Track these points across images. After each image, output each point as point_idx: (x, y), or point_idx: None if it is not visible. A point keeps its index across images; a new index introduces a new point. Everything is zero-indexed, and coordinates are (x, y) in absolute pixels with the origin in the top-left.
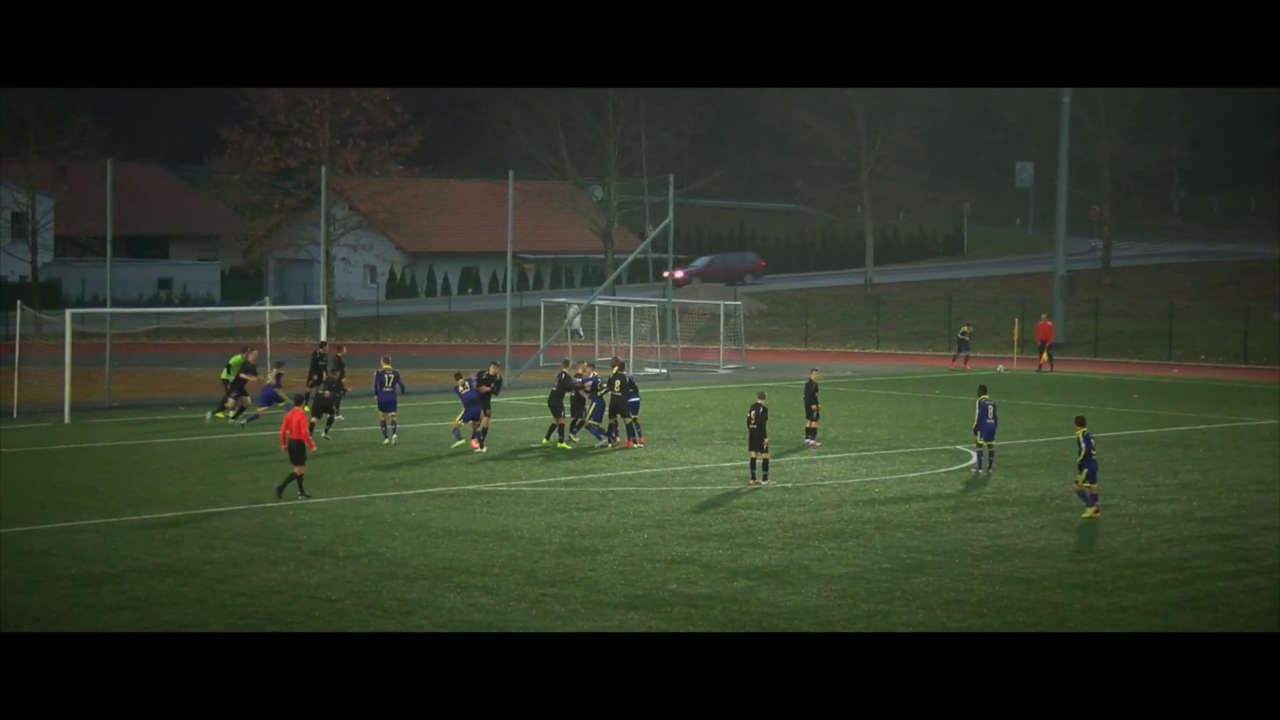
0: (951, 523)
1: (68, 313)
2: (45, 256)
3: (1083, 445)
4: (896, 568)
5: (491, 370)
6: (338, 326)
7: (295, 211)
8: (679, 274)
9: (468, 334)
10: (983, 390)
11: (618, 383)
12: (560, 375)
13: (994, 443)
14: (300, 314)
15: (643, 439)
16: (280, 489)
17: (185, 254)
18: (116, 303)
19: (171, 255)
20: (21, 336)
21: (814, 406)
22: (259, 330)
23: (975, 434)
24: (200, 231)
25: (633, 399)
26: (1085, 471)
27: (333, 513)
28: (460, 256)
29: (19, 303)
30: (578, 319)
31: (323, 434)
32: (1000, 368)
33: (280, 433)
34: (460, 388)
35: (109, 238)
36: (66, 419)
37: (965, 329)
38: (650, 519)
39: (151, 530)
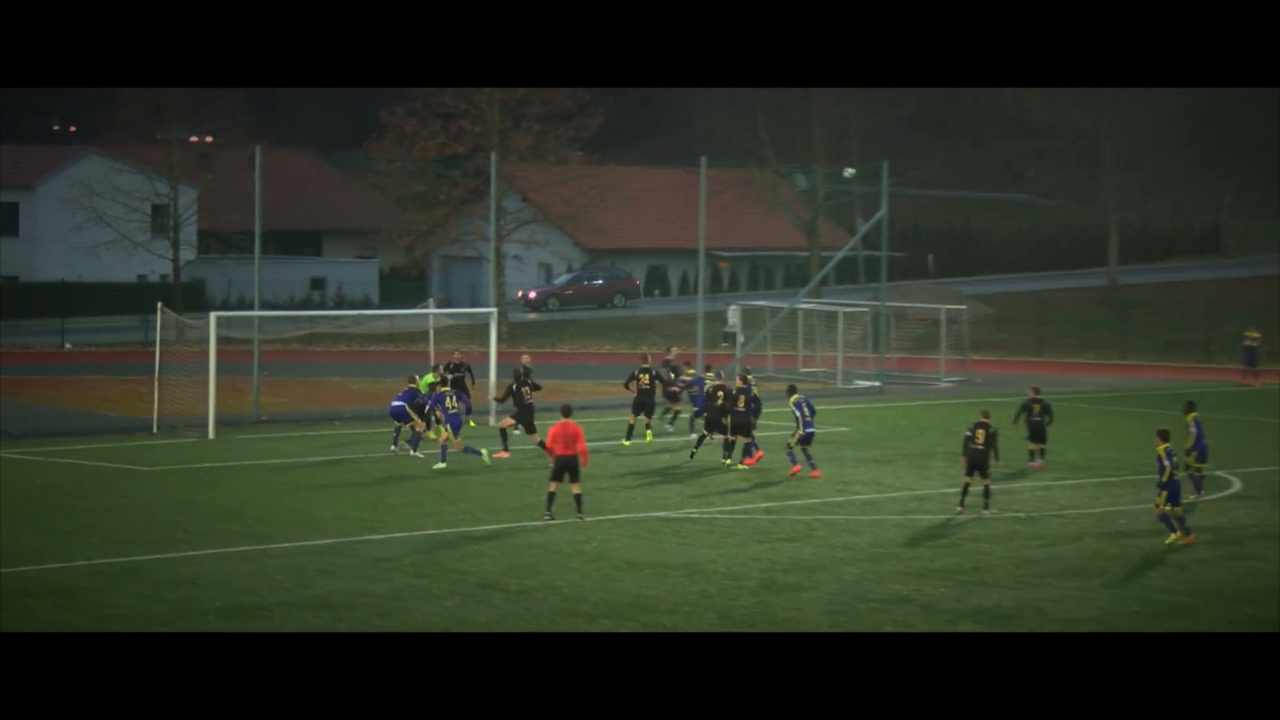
0: (1210, 560)
1: (212, 316)
2: (188, 254)
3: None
4: (1147, 612)
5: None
6: (508, 332)
7: (462, 204)
8: (531, 294)
9: (654, 340)
10: (1190, 408)
11: (732, 396)
12: (651, 371)
13: (1205, 466)
14: (468, 318)
15: (760, 452)
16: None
17: (340, 250)
18: (265, 305)
19: (325, 252)
20: (162, 343)
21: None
22: (420, 336)
23: (1189, 455)
24: (357, 226)
25: (744, 415)
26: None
27: (504, 541)
28: (646, 254)
29: (159, 305)
30: (737, 320)
31: (485, 456)
32: None
33: (548, 445)
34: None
35: (257, 232)
36: (211, 434)
37: (1252, 335)
38: (862, 552)
39: (304, 558)
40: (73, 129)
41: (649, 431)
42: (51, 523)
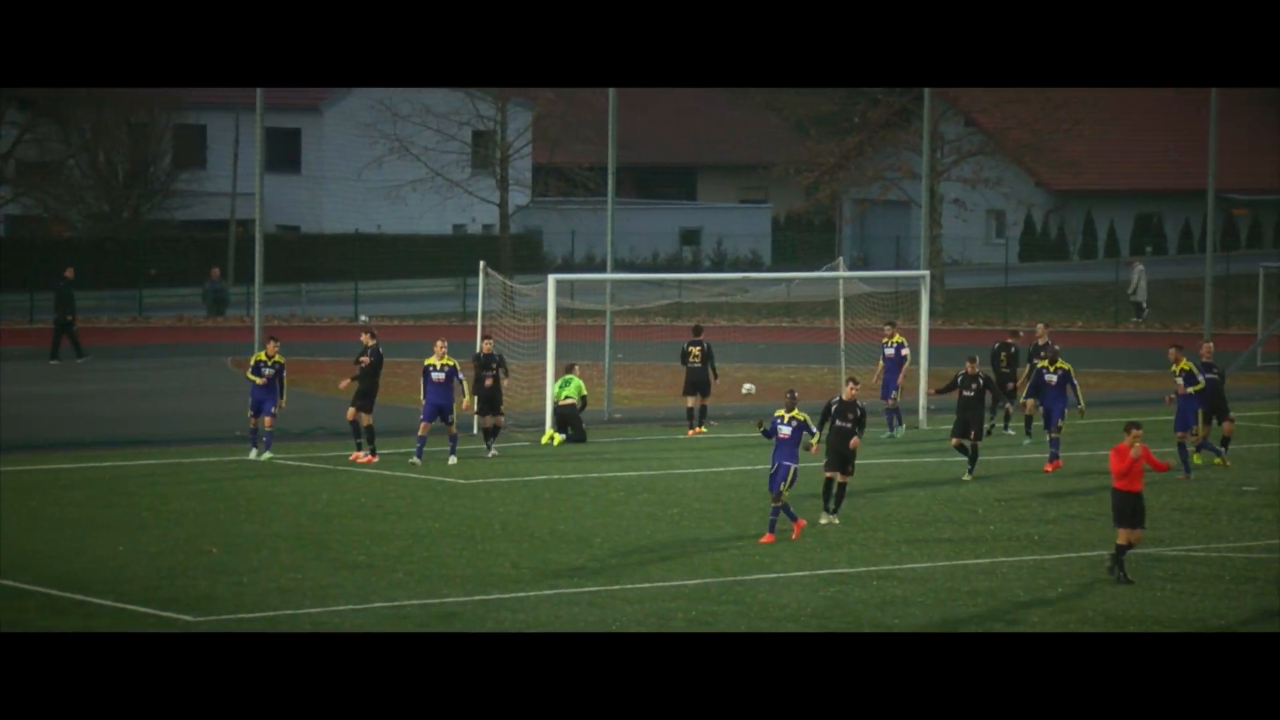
0: None
1: (550, 280)
2: (520, 197)
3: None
4: None
5: (485, 347)
6: (945, 303)
7: (884, 129)
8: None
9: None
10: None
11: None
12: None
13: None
14: (891, 284)
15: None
16: (1116, 566)
17: (720, 193)
18: (619, 265)
19: (701, 195)
20: (485, 313)
21: None
22: (826, 308)
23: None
24: (743, 160)
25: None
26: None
27: (935, 583)
28: (1132, 197)
29: (482, 265)
30: (1141, 285)
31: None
32: None
33: (1117, 468)
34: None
35: (610, 169)
36: (547, 436)
37: None
38: None
39: (669, 603)
40: None
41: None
42: (343, 553)
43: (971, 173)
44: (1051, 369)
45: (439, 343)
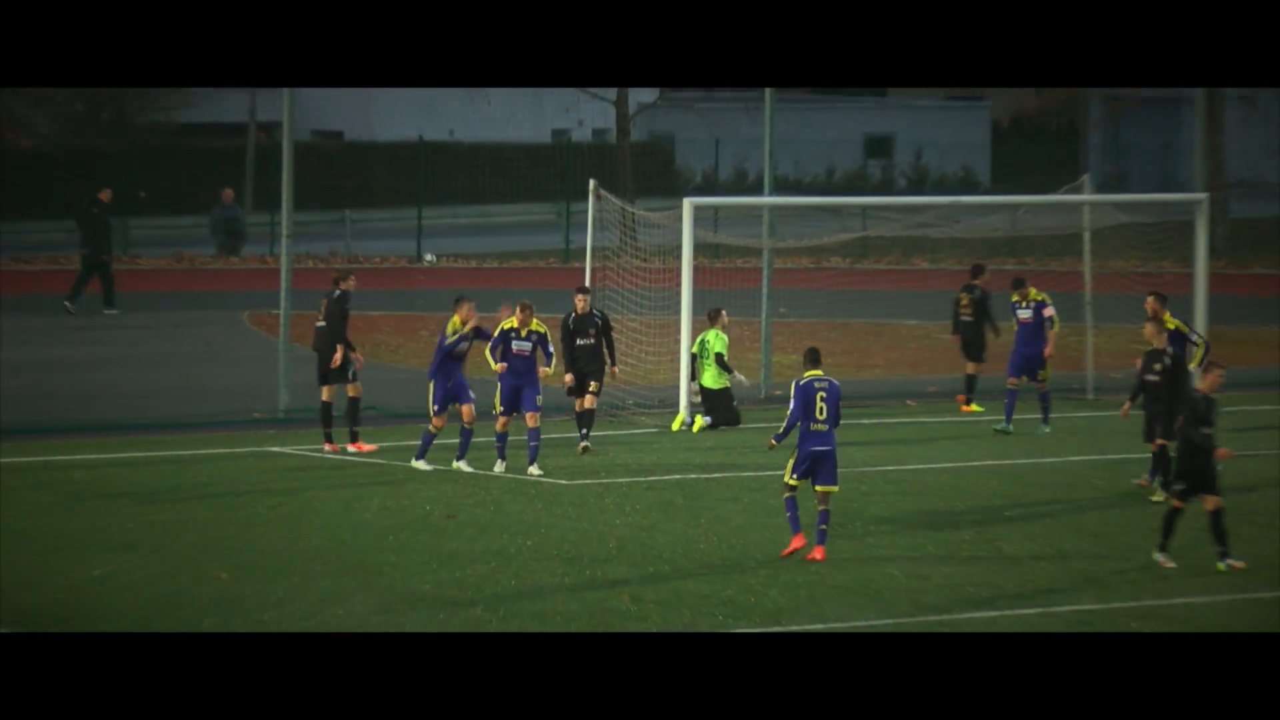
0: None
1: (687, 204)
2: (644, 93)
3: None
4: None
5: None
6: (1228, 237)
7: None
8: None
9: None
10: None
11: None
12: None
13: None
14: (1155, 211)
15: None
16: None
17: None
18: (781, 186)
19: (892, 90)
20: (596, 251)
21: None
22: (1067, 245)
23: None
24: None
25: None
26: None
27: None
28: None
29: (592, 184)
30: None
31: None
32: None
33: None
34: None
35: None
36: (679, 421)
37: None
38: None
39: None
40: None
41: None
42: (402, 579)
43: None
44: None
45: (518, 308)
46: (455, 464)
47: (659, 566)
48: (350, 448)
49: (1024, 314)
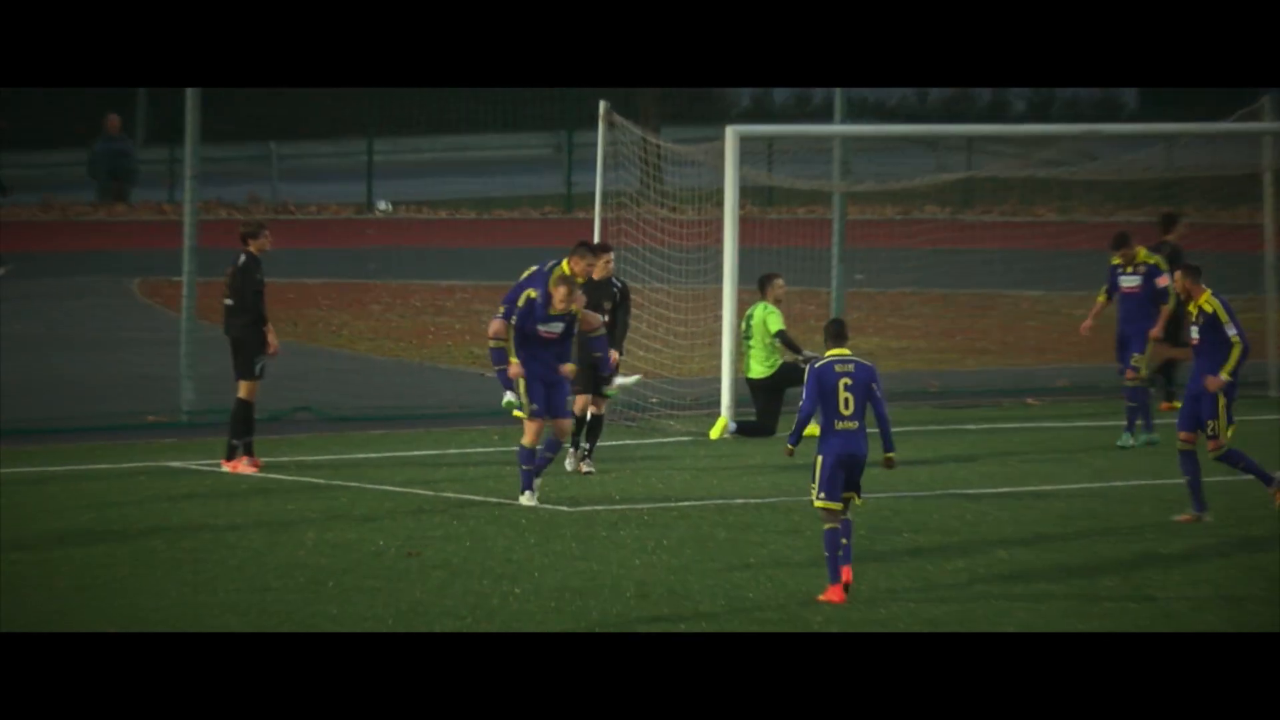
0: None
1: (730, 133)
2: None
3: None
4: None
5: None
6: None
7: None
8: None
9: None
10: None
11: None
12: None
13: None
14: None
15: None
16: None
17: None
18: (855, 110)
19: None
20: (609, 196)
21: None
22: (1240, 191)
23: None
24: None
25: None
26: None
27: None
28: None
29: (603, 107)
30: None
31: None
32: None
33: None
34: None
35: None
36: (720, 427)
37: None
38: None
39: None
40: None
41: None
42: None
43: None
44: None
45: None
46: (522, 498)
47: (693, 623)
48: (224, 465)
49: (1128, 282)
